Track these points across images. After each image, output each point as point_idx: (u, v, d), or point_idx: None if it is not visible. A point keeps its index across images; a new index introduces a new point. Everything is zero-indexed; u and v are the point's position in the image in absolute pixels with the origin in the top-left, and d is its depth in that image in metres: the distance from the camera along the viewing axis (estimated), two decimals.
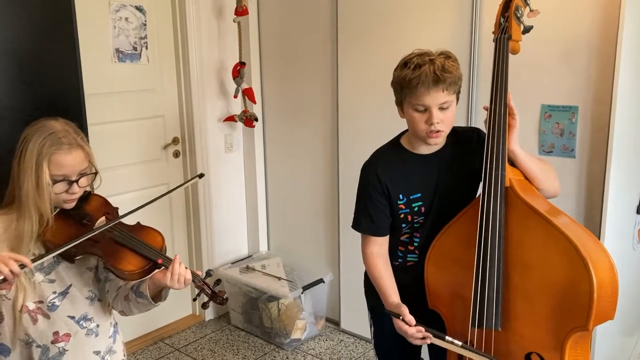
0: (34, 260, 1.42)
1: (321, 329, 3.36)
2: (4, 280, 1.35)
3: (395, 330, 1.64)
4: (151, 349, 3.21)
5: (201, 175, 1.84)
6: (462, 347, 1.55)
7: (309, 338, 3.27)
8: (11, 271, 1.34)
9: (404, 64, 1.61)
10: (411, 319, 1.59)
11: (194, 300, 1.64)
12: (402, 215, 1.73)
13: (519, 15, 1.63)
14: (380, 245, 1.77)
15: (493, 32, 1.67)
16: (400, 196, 1.72)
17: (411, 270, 1.79)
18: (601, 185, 2.25)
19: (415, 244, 1.78)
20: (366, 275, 1.87)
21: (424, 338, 1.58)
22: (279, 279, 3.30)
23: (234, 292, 3.36)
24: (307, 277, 3.27)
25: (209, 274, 1.59)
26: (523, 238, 1.54)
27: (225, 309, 3.54)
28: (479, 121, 1.83)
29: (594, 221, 2.28)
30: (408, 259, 1.80)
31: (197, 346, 3.24)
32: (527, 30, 1.66)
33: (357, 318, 3.26)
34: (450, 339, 1.56)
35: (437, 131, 1.60)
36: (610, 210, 2.24)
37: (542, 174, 1.65)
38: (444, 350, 1.65)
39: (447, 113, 1.60)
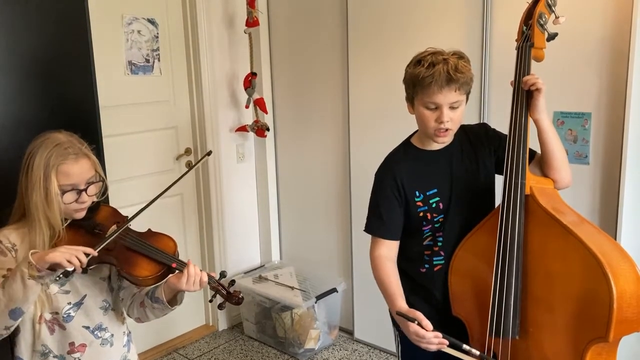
0: (95, 249, 1.45)
1: (335, 339, 3.35)
2: (74, 271, 1.39)
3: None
4: None
5: (209, 153, 1.94)
6: (479, 357, 1.52)
7: (322, 348, 3.25)
8: (80, 261, 1.38)
9: (418, 61, 1.62)
10: (428, 323, 1.53)
11: (210, 301, 1.65)
12: (421, 214, 1.71)
13: (542, 22, 1.60)
14: (389, 249, 1.74)
15: (516, 40, 1.66)
16: (417, 193, 1.71)
17: (439, 277, 1.74)
18: (616, 193, 2.23)
19: (440, 244, 1.74)
20: None
21: (439, 343, 1.53)
22: (292, 288, 3.29)
23: (247, 302, 3.36)
24: (320, 287, 3.26)
25: (223, 275, 1.60)
26: (543, 247, 1.52)
27: (239, 319, 3.54)
28: (491, 124, 1.82)
29: (609, 229, 2.26)
30: (435, 262, 1.75)
31: (210, 356, 3.24)
32: (551, 37, 1.63)
33: (371, 327, 3.24)
34: (467, 347, 1.52)
35: (446, 129, 1.62)
36: (626, 218, 2.22)
37: (561, 155, 1.62)
38: None
39: (457, 112, 1.62)
